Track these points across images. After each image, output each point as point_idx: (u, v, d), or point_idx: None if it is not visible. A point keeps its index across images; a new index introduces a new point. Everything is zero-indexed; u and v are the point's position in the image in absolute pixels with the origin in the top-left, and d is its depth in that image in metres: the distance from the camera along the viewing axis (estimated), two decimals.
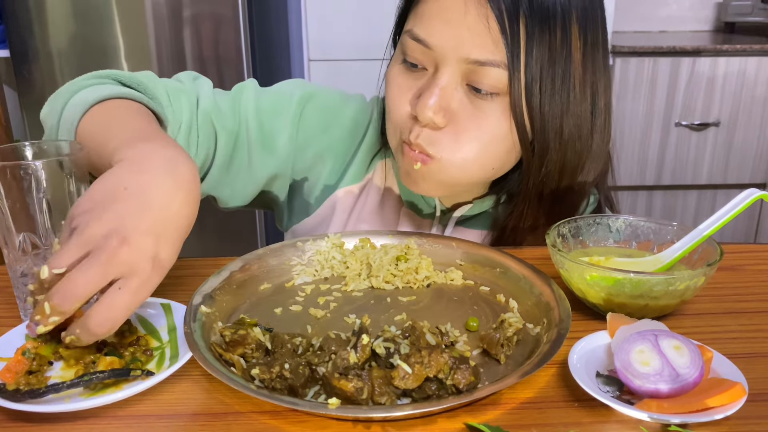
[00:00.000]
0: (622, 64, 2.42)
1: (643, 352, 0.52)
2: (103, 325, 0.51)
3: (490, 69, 0.70)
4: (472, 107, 0.73)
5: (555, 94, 0.72)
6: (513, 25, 0.69)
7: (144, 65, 2.29)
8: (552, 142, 0.74)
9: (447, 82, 0.72)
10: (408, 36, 0.74)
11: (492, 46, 0.69)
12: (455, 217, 0.88)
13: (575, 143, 0.76)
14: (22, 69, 2.30)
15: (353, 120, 0.91)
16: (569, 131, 0.74)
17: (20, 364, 0.53)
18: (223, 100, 0.85)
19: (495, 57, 0.70)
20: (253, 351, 0.56)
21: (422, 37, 0.72)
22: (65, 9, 2.23)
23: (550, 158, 0.75)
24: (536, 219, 0.82)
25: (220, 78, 2.32)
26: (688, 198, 2.68)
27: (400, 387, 0.51)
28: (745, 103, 2.49)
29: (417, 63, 0.74)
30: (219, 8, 2.24)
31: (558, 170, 0.77)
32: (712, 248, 0.65)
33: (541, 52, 0.70)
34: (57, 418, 0.51)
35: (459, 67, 0.71)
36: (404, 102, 0.75)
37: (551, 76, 0.71)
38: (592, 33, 0.73)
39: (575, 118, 0.74)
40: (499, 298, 0.69)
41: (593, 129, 0.77)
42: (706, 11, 2.93)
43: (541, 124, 0.73)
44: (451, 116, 0.73)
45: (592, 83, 0.75)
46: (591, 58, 0.74)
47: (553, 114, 0.73)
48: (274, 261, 0.74)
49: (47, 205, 0.61)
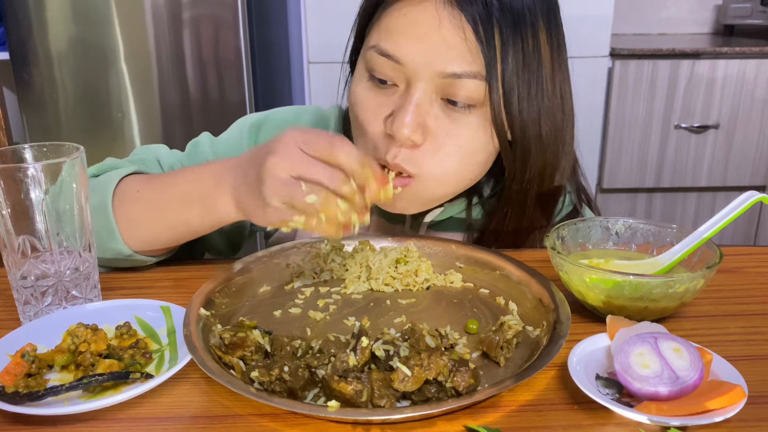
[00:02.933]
0: (621, 66, 2.43)
1: (642, 354, 0.52)
2: (350, 153, 0.59)
3: (466, 81, 0.68)
4: (448, 121, 0.71)
5: (531, 98, 0.72)
6: (488, 33, 0.68)
7: (143, 67, 2.30)
8: (533, 146, 0.74)
9: (422, 99, 0.69)
10: (375, 51, 0.71)
11: (469, 57, 0.68)
12: (426, 223, 0.88)
13: (554, 145, 0.76)
14: (22, 71, 2.30)
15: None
16: (547, 133, 0.75)
17: (19, 366, 0.53)
18: (182, 156, 0.88)
19: (472, 68, 0.68)
20: (253, 354, 0.56)
21: (391, 53, 0.70)
22: (65, 11, 2.23)
23: (533, 162, 0.75)
24: (518, 223, 0.82)
25: (220, 80, 2.32)
26: (687, 200, 2.68)
27: (399, 389, 0.51)
28: (744, 105, 2.49)
29: (386, 79, 0.72)
30: (218, 10, 2.25)
31: (540, 173, 0.77)
32: (712, 250, 0.65)
33: (516, 58, 0.69)
34: (56, 420, 0.51)
35: (433, 81, 0.69)
36: (377, 122, 0.72)
37: (527, 81, 0.71)
38: (557, 35, 0.74)
39: (551, 118, 0.75)
40: (498, 300, 0.69)
41: (565, 127, 0.77)
42: (706, 14, 2.93)
43: (521, 130, 0.72)
44: (428, 132, 0.71)
45: (561, 83, 0.75)
46: (558, 59, 0.74)
47: (532, 119, 0.72)
48: (273, 263, 0.74)
49: (47, 208, 0.61)
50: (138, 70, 2.30)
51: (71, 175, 0.62)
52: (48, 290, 0.64)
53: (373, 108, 0.73)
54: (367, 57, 0.73)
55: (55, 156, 0.64)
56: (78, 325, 0.58)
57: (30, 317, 0.64)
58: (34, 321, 0.62)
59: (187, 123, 2.38)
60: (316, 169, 0.59)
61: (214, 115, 2.37)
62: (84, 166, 0.64)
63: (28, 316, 0.64)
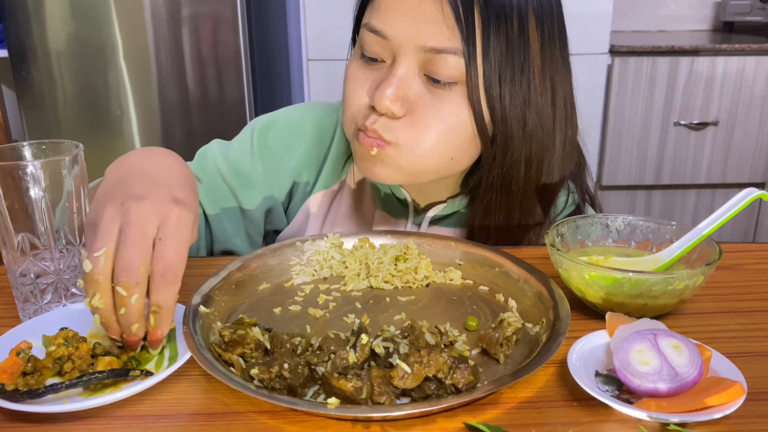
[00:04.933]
0: (620, 63, 2.43)
1: (642, 351, 0.52)
2: (165, 274, 0.54)
3: (447, 57, 0.71)
4: (430, 96, 0.73)
5: (515, 84, 0.73)
6: (467, 13, 0.70)
7: (142, 65, 2.29)
8: (515, 132, 0.75)
9: (405, 72, 0.72)
10: (365, 29, 0.75)
11: (448, 32, 0.70)
12: (429, 217, 0.88)
13: (539, 134, 0.77)
14: (21, 69, 2.30)
15: (317, 128, 0.91)
16: (532, 122, 0.75)
17: (15, 365, 0.53)
18: (190, 166, 0.88)
19: (451, 44, 0.70)
20: (252, 351, 0.56)
21: (378, 28, 0.73)
22: (64, 9, 2.23)
23: (515, 148, 0.76)
24: (509, 216, 0.82)
25: (219, 78, 2.32)
26: (686, 197, 2.68)
27: (399, 387, 0.51)
28: (743, 102, 2.49)
29: (375, 56, 0.75)
30: (217, 8, 2.24)
31: (524, 163, 0.77)
32: (711, 247, 0.65)
33: (498, 40, 0.71)
34: (56, 418, 0.51)
35: (416, 56, 0.72)
36: (362, 94, 0.76)
37: (510, 65, 0.72)
38: (549, 26, 0.75)
39: (537, 107, 0.75)
40: (498, 297, 0.69)
41: (555, 121, 0.78)
42: (705, 11, 2.93)
43: (502, 114, 0.74)
44: (410, 106, 0.73)
45: (552, 76, 0.76)
46: (549, 51, 0.75)
47: (514, 104, 0.74)
48: (273, 261, 0.74)
49: (46, 206, 0.61)
50: (137, 68, 2.30)
51: (70, 173, 0.62)
52: (47, 288, 0.64)
53: (360, 81, 0.76)
54: (360, 36, 0.76)
55: (54, 154, 0.64)
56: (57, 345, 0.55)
57: (30, 315, 0.64)
58: (33, 319, 0.62)
59: (187, 121, 2.38)
60: (133, 255, 0.53)
61: (213, 113, 2.36)
62: (83, 164, 0.64)
63: (27, 313, 0.64)
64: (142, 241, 0.54)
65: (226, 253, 0.90)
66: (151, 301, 0.54)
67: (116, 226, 0.54)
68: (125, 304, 0.53)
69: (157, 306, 0.54)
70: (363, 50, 0.76)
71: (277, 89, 2.83)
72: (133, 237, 0.53)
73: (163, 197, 0.57)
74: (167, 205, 0.56)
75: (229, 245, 0.90)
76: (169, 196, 0.57)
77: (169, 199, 0.57)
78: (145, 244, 0.54)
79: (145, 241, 0.54)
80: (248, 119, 2.32)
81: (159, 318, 0.55)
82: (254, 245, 0.92)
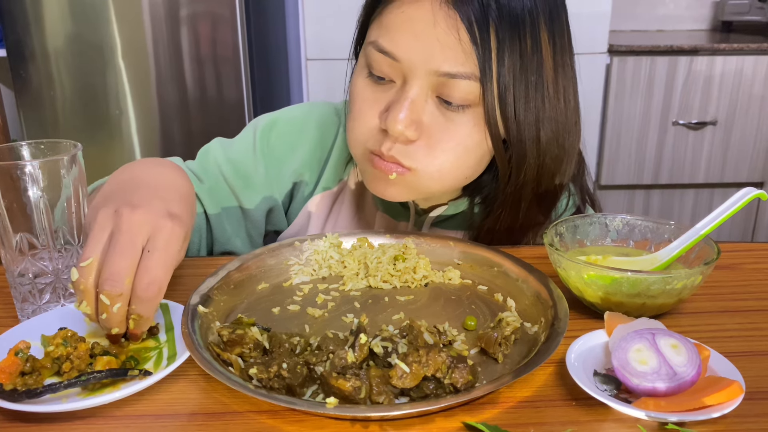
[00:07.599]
0: (619, 63, 2.43)
1: (640, 350, 0.52)
2: (148, 289, 0.54)
3: (460, 81, 0.69)
4: (443, 119, 0.71)
5: (529, 101, 0.71)
6: (483, 34, 0.67)
7: (141, 65, 2.29)
8: (530, 150, 0.74)
9: (416, 95, 0.70)
10: (373, 48, 0.72)
11: (463, 57, 0.68)
12: (431, 218, 0.88)
13: (553, 148, 0.75)
14: (19, 68, 2.30)
15: (319, 129, 0.91)
16: (546, 137, 0.74)
17: (13, 364, 0.53)
18: (192, 165, 0.88)
19: (466, 69, 0.68)
20: (251, 350, 0.56)
21: (389, 50, 0.70)
22: (62, 8, 2.22)
23: (529, 165, 0.75)
24: (513, 222, 0.82)
25: (218, 77, 2.32)
26: (685, 197, 2.68)
27: (398, 386, 0.51)
28: (742, 101, 2.49)
29: (384, 76, 0.72)
30: (216, 7, 2.24)
31: (536, 176, 0.76)
32: (709, 247, 0.65)
33: (512, 60, 0.69)
34: (54, 418, 0.51)
35: (428, 79, 0.70)
36: (371, 115, 0.73)
37: (524, 83, 0.70)
38: (560, 37, 0.73)
39: (551, 123, 0.74)
40: (496, 297, 0.69)
41: (568, 133, 0.77)
42: (704, 10, 2.93)
43: (518, 133, 0.72)
44: (423, 129, 0.71)
45: (564, 87, 0.75)
46: (561, 63, 0.74)
47: (529, 122, 0.72)
48: (272, 261, 0.74)
49: (44, 206, 0.61)
50: (135, 67, 2.30)
51: (69, 173, 0.62)
52: (46, 288, 0.64)
53: (369, 102, 0.74)
54: (366, 52, 0.74)
55: (53, 153, 0.64)
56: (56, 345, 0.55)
57: (28, 315, 0.64)
58: (32, 318, 0.62)
59: (185, 120, 2.38)
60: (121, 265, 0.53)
61: (212, 113, 2.36)
62: (81, 164, 0.64)
63: (26, 313, 0.64)
64: (131, 251, 0.54)
65: (226, 254, 0.90)
66: (132, 310, 0.55)
67: (106, 233, 0.55)
68: (107, 311, 0.54)
69: (138, 315, 0.55)
70: (370, 68, 0.73)
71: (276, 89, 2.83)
72: (122, 245, 0.54)
73: (158, 209, 0.57)
74: (161, 217, 0.56)
75: (229, 246, 0.89)
76: (165, 209, 0.57)
77: (164, 213, 0.57)
78: (133, 254, 0.54)
79: (134, 251, 0.54)
80: (247, 119, 2.32)
81: (138, 323, 0.56)
82: (254, 246, 0.92)
